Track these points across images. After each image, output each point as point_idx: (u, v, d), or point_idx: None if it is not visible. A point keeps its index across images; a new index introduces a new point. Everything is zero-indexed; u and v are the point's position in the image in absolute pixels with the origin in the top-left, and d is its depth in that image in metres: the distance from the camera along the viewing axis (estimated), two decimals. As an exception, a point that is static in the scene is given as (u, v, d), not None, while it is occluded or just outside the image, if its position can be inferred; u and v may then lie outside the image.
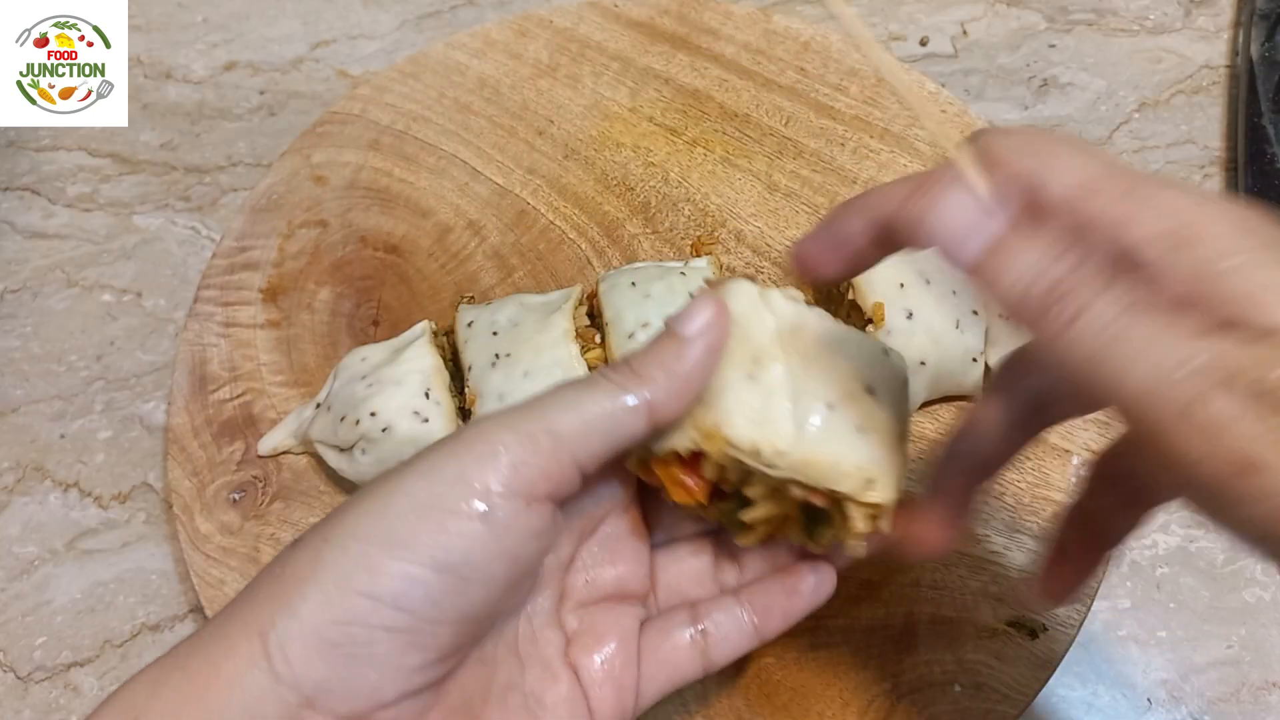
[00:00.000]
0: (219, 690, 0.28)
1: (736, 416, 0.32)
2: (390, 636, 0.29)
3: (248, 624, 0.29)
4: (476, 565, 0.30)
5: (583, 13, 0.68)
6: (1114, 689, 0.48)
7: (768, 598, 0.38)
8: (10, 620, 0.51)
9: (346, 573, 0.29)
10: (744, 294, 0.34)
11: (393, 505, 0.30)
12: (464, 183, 0.62)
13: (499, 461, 0.30)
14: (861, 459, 0.32)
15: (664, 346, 0.33)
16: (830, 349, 0.34)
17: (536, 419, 0.31)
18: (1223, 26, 0.70)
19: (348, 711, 0.29)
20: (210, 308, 0.57)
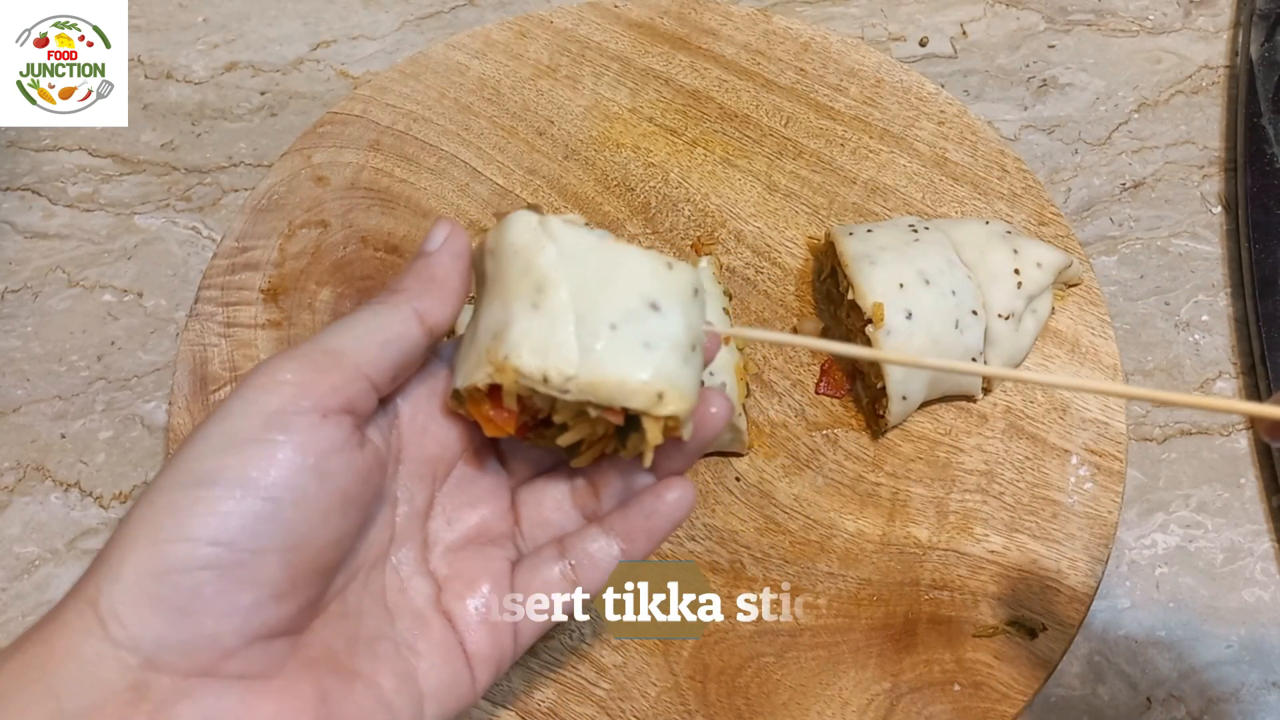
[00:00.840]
0: (57, 664, 0.28)
1: (523, 346, 0.33)
2: (215, 576, 0.29)
3: (77, 598, 0.29)
4: (284, 485, 0.30)
5: (583, 13, 0.68)
6: (1113, 689, 0.48)
7: (629, 522, 0.38)
8: (10, 620, 0.52)
9: (159, 523, 0.29)
10: (524, 225, 0.35)
11: (193, 449, 0.30)
12: (464, 183, 0.62)
13: (284, 385, 0.31)
14: (647, 374, 0.33)
15: (414, 264, 0.36)
16: (610, 268, 0.34)
17: (313, 343, 0.33)
18: (1222, 27, 0.70)
19: (191, 666, 0.29)
20: (211, 308, 0.57)
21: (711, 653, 0.47)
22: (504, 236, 0.35)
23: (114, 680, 0.28)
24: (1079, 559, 0.49)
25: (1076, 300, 0.56)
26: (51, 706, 0.28)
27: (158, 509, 0.29)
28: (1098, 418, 0.52)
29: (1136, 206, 0.63)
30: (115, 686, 0.28)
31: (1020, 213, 0.59)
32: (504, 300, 0.34)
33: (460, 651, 0.35)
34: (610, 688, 0.47)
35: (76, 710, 0.28)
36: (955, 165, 0.60)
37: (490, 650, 0.36)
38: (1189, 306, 0.59)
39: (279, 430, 0.30)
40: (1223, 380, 0.57)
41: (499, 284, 0.35)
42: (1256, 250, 0.58)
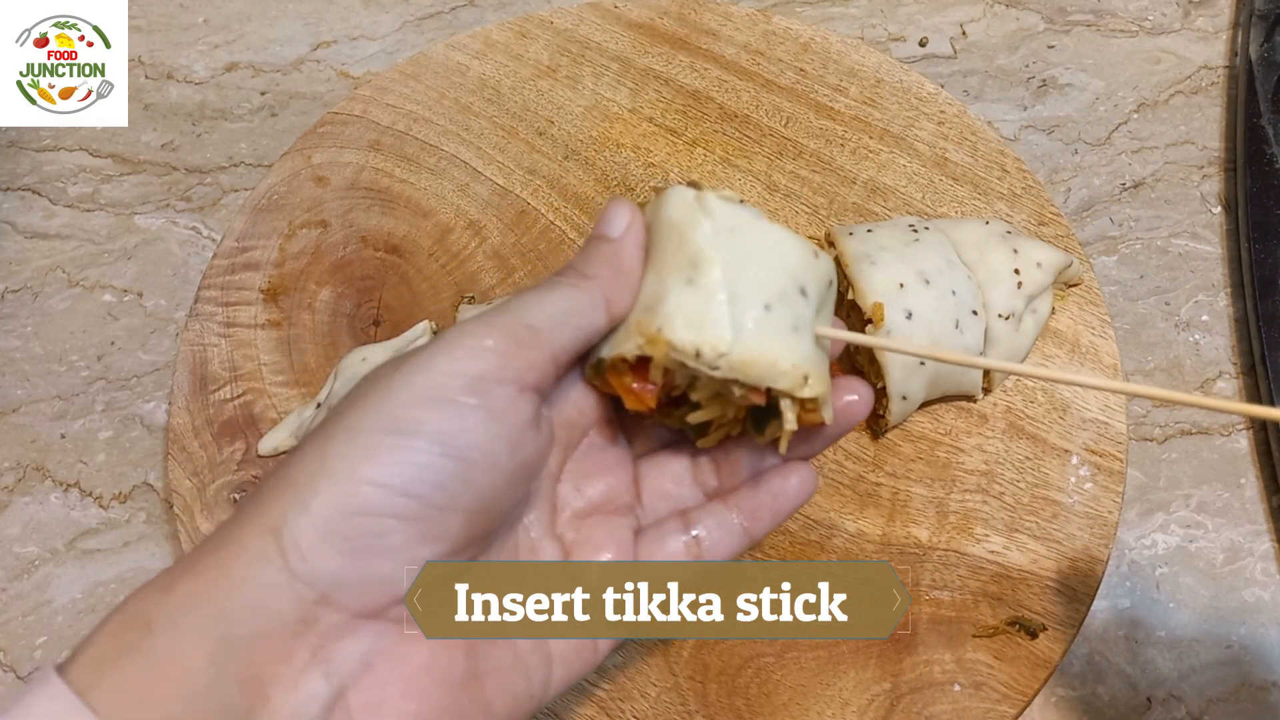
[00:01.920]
0: (231, 589, 0.28)
1: (677, 320, 0.33)
2: (403, 526, 0.29)
3: (258, 522, 0.29)
4: (481, 449, 0.31)
5: (583, 14, 0.68)
6: (1113, 689, 0.48)
7: (755, 500, 0.38)
8: (10, 620, 0.52)
9: (355, 463, 0.29)
10: (681, 200, 0.35)
11: (394, 397, 0.30)
12: (464, 183, 0.62)
13: (488, 353, 0.31)
14: (797, 356, 0.34)
15: (599, 249, 0.35)
16: (766, 250, 0.35)
17: (513, 316, 0.32)
18: (1221, 27, 0.70)
19: (361, 606, 0.30)
20: (211, 308, 0.57)
21: (711, 653, 0.47)
22: (661, 210, 0.35)
23: (286, 611, 0.28)
24: (1079, 559, 0.49)
25: (1076, 300, 0.56)
26: (222, 630, 0.28)
27: (356, 448, 0.29)
28: (1098, 418, 0.52)
29: (1136, 206, 0.63)
30: (286, 617, 0.29)
31: (1020, 213, 0.59)
32: (658, 273, 0.34)
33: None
34: (610, 688, 0.47)
35: (245, 636, 0.28)
36: (955, 165, 0.60)
37: None
38: (1189, 306, 0.59)
39: (480, 395, 0.31)
40: (1223, 380, 0.57)
41: (653, 257, 0.35)
42: (1256, 250, 0.58)
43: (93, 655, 0.28)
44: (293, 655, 0.29)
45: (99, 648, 0.28)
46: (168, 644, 0.28)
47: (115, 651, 0.28)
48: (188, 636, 0.28)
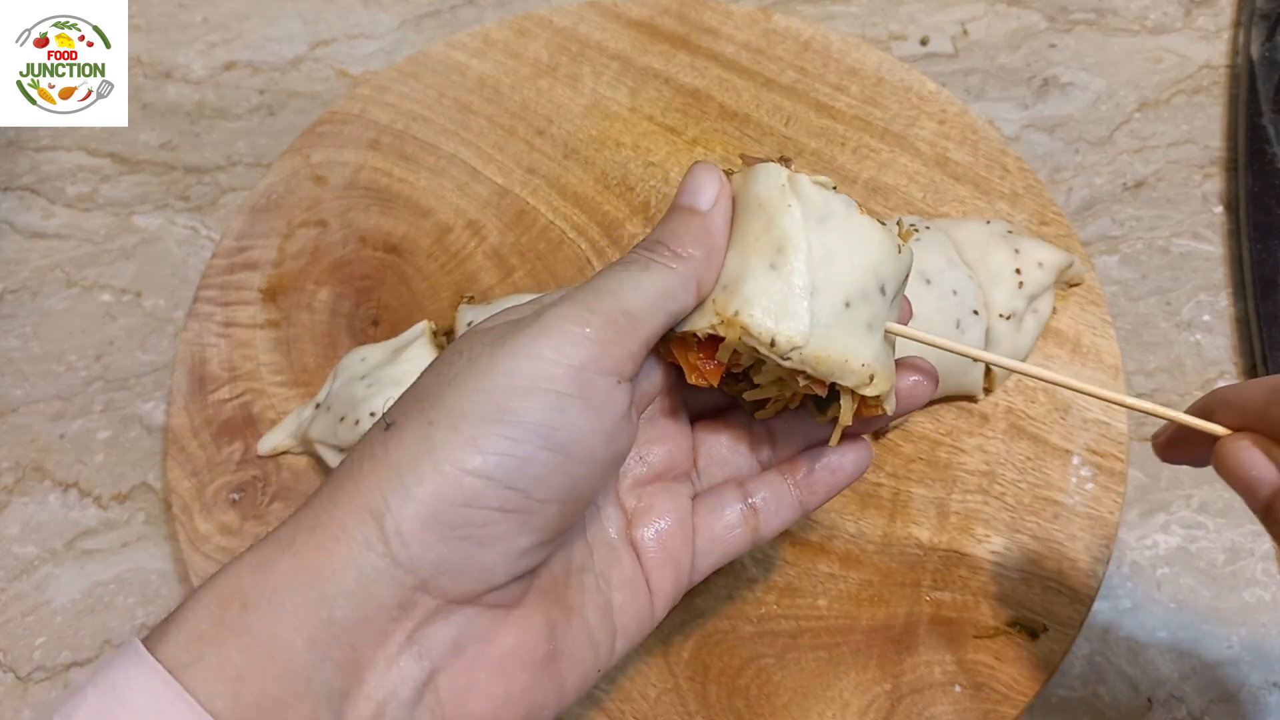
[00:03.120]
0: (331, 573, 0.28)
1: (756, 306, 0.33)
2: (504, 517, 0.29)
3: (358, 506, 0.29)
4: (581, 442, 0.31)
5: (583, 12, 0.68)
6: (1114, 689, 0.48)
7: (811, 473, 0.38)
8: (10, 620, 0.51)
9: (460, 451, 0.29)
10: (772, 178, 0.34)
11: (495, 383, 0.30)
12: (464, 182, 0.62)
13: (590, 342, 0.31)
14: (868, 356, 0.34)
15: (689, 222, 0.34)
16: (853, 243, 0.34)
17: (611, 301, 0.32)
18: (1223, 26, 0.70)
19: (458, 593, 0.30)
20: (210, 308, 0.57)
21: (711, 654, 0.47)
22: (750, 186, 0.34)
23: (385, 596, 0.29)
24: (1080, 559, 0.48)
25: (1078, 300, 0.56)
26: (323, 615, 0.28)
27: (460, 435, 0.29)
28: (1099, 418, 0.52)
29: (1138, 206, 0.62)
30: (385, 602, 0.29)
31: (1021, 212, 0.58)
32: (740, 252, 0.34)
33: (645, 585, 0.36)
34: (610, 689, 0.46)
35: (346, 621, 0.28)
36: (956, 164, 0.60)
37: (670, 585, 0.36)
38: (1190, 306, 0.59)
39: (581, 387, 0.30)
40: (1224, 380, 0.56)
41: (737, 232, 0.34)
42: (1257, 250, 0.58)
43: (187, 633, 0.28)
44: (388, 639, 0.29)
45: (193, 625, 0.28)
46: (267, 625, 0.28)
47: (212, 630, 0.28)
48: (288, 618, 0.28)
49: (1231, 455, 0.34)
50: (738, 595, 0.48)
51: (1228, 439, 0.35)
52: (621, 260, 0.34)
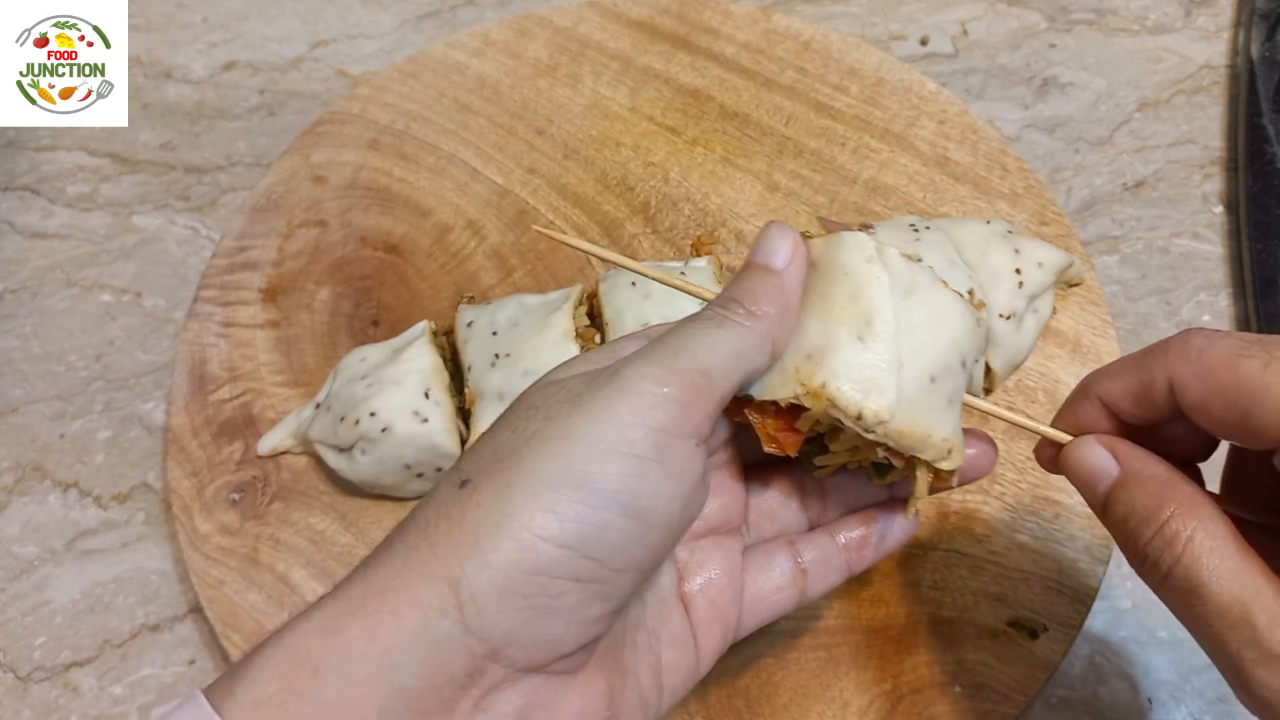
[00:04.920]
0: (404, 638, 0.28)
1: (844, 379, 0.32)
2: (579, 587, 0.29)
3: (433, 571, 0.28)
4: (658, 509, 0.30)
5: (582, 12, 0.68)
6: (1114, 689, 0.48)
7: (862, 539, 0.38)
8: (10, 620, 0.51)
9: (539, 518, 0.28)
10: (859, 247, 0.34)
11: (574, 449, 0.29)
12: (464, 182, 0.62)
13: (669, 403, 0.30)
14: (947, 431, 0.34)
15: (763, 280, 0.34)
16: (938, 318, 0.34)
17: (688, 359, 0.31)
18: (1223, 26, 0.70)
19: (527, 662, 0.29)
20: (210, 308, 0.57)
21: (711, 653, 0.47)
22: (834, 254, 0.34)
23: (457, 666, 0.28)
24: (1080, 560, 0.48)
25: (1078, 300, 0.56)
26: (394, 682, 0.27)
27: (538, 500, 0.29)
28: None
29: (1138, 206, 0.62)
30: (456, 670, 0.28)
31: (1021, 212, 0.58)
32: (825, 321, 0.33)
33: (693, 642, 0.35)
34: (610, 689, 0.46)
35: (416, 690, 0.28)
36: (956, 164, 0.60)
37: (718, 642, 0.36)
38: (1190, 306, 0.59)
39: (661, 451, 0.30)
40: (1224, 380, 0.56)
41: (819, 299, 0.34)
42: (1257, 250, 0.58)
43: (255, 695, 0.27)
44: (456, 707, 0.29)
45: (261, 687, 0.27)
46: (338, 692, 0.27)
47: (280, 694, 0.27)
48: (359, 686, 0.27)
49: (1075, 451, 0.34)
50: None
51: (1076, 440, 0.35)
52: (695, 316, 0.34)
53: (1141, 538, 0.32)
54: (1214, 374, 0.31)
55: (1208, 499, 0.32)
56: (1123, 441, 0.34)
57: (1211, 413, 0.31)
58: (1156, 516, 0.31)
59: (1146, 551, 0.31)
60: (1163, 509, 0.31)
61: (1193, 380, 0.31)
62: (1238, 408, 0.30)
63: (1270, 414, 0.29)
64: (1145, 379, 0.33)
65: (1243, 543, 0.31)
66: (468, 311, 0.52)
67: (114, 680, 0.50)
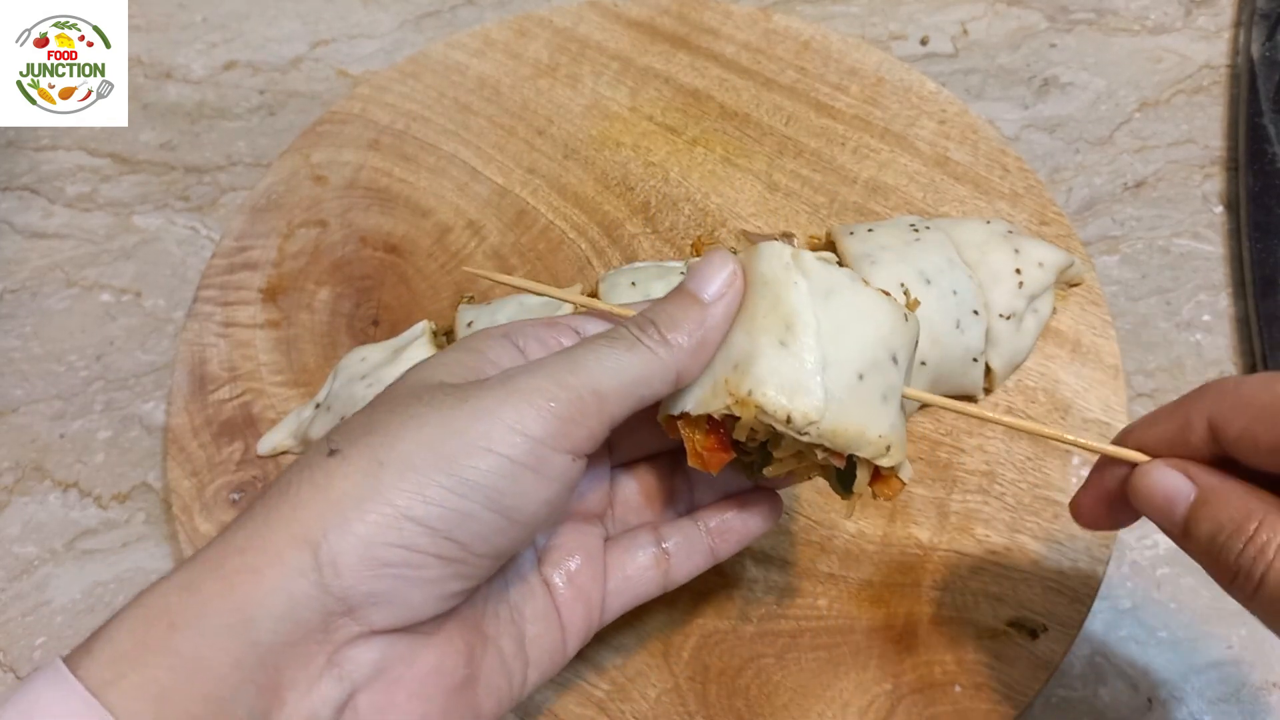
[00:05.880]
0: (260, 596, 0.28)
1: (769, 385, 0.33)
2: (440, 564, 0.30)
3: (294, 534, 0.29)
4: (525, 510, 0.31)
5: (582, 12, 0.68)
6: (1114, 689, 0.48)
7: (724, 523, 0.39)
8: (10, 620, 0.51)
9: (405, 498, 0.29)
10: (776, 256, 0.34)
11: (449, 440, 0.30)
12: (464, 182, 0.62)
13: (552, 417, 0.31)
14: (883, 427, 0.34)
15: (686, 309, 0.34)
16: (860, 316, 0.34)
17: (584, 377, 0.32)
18: (1223, 26, 0.70)
19: (384, 624, 0.30)
20: (210, 308, 0.57)
21: (712, 654, 0.47)
22: (754, 264, 0.35)
23: (312, 621, 0.29)
24: (1080, 560, 0.48)
25: (1078, 300, 0.56)
26: (249, 638, 0.28)
27: (408, 483, 0.29)
28: (1099, 418, 0.52)
29: (1138, 206, 0.62)
30: (311, 626, 0.29)
31: (1021, 212, 0.58)
32: (748, 331, 0.34)
33: (557, 621, 0.37)
34: (610, 689, 0.46)
35: (271, 644, 0.28)
36: (956, 164, 0.60)
37: (581, 622, 0.37)
38: (1190, 306, 0.59)
39: (536, 460, 0.31)
40: (1224, 380, 0.56)
41: (744, 310, 0.34)
42: (1258, 250, 0.58)
43: (110, 652, 0.28)
44: (311, 661, 0.29)
45: (116, 645, 0.28)
46: (192, 645, 0.28)
47: (135, 650, 0.28)
48: (214, 640, 0.28)
49: (1146, 477, 0.34)
50: (738, 595, 0.48)
51: (1144, 465, 0.34)
52: (608, 334, 0.34)
53: (1233, 551, 0.31)
54: (1253, 401, 0.31)
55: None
56: (1190, 462, 0.34)
57: (1258, 441, 0.31)
58: (1245, 528, 0.31)
59: (1239, 564, 0.31)
60: (1250, 520, 0.31)
61: (1233, 414, 0.32)
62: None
63: None
64: (1183, 422, 0.33)
65: None
66: (468, 311, 0.52)
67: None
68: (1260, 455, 0.32)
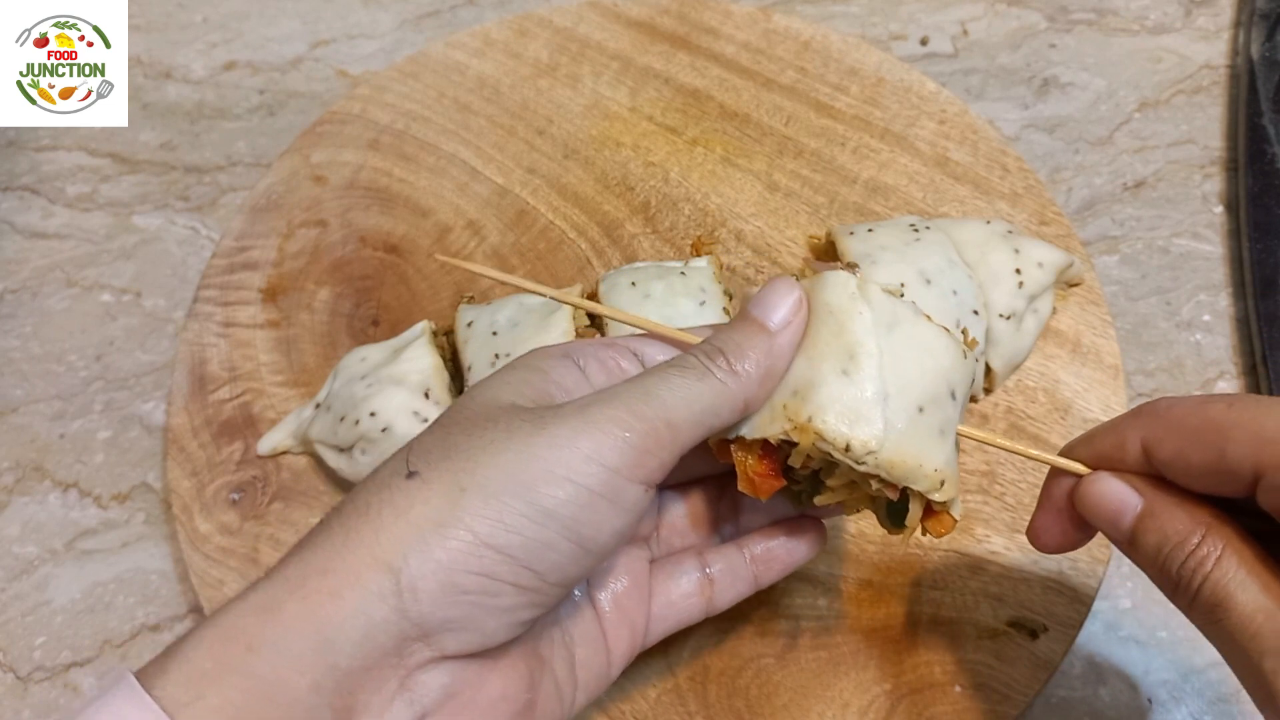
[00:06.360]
0: (340, 619, 0.28)
1: (830, 413, 0.33)
2: (516, 592, 0.30)
3: (375, 557, 0.29)
4: (599, 540, 0.32)
5: (582, 12, 0.68)
6: (1114, 689, 0.48)
7: (769, 550, 0.40)
8: (10, 620, 0.51)
9: (487, 526, 0.30)
10: (841, 285, 0.35)
11: (530, 468, 0.30)
12: (464, 182, 0.62)
13: (628, 448, 0.31)
14: (939, 461, 0.34)
15: (753, 336, 0.34)
16: (922, 350, 0.35)
17: (657, 407, 0.32)
18: (1223, 26, 0.70)
19: (457, 649, 0.31)
20: (210, 308, 0.57)
21: (712, 654, 0.47)
22: (820, 293, 0.35)
23: (388, 645, 0.29)
24: (1080, 559, 0.48)
25: (1078, 300, 0.56)
26: (328, 660, 0.28)
27: (489, 509, 0.30)
28: (1099, 418, 0.52)
29: (1138, 206, 0.62)
30: (388, 650, 0.29)
31: (1021, 212, 0.58)
32: (810, 357, 0.34)
33: (603, 643, 0.37)
34: (610, 689, 0.46)
35: (349, 668, 0.29)
36: (956, 164, 0.60)
37: (625, 645, 0.38)
38: (1190, 306, 0.59)
39: (612, 491, 0.31)
40: (1224, 380, 0.56)
41: (806, 338, 0.35)
42: (1258, 250, 0.58)
43: (188, 671, 0.28)
44: (384, 684, 0.30)
45: (194, 664, 0.28)
46: (271, 668, 0.28)
47: (213, 670, 0.28)
48: (293, 662, 0.28)
49: (1095, 485, 0.34)
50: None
51: (1093, 475, 0.35)
52: (677, 362, 0.34)
53: (1176, 562, 0.32)
54: (1183, 422, 0.32)
55: (1229, 518, 0.32)
56: (1136, 475, 0.34)
57: (1189, 461, 0.32)
58: (1189, 540, 0.32)
59: (1180, 575, 0.32)
60: (1194, 532, 0.32)
61: (1166, 435, 0.32)
62: (1212, 448, 0.31)
63: (1244, 444, 0.30)
64: (1117, 442, 0.34)
65: (1268, 558, 0.31)
66: (468, 311, 0.52)
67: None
68: (1191, 476, 0.32)
